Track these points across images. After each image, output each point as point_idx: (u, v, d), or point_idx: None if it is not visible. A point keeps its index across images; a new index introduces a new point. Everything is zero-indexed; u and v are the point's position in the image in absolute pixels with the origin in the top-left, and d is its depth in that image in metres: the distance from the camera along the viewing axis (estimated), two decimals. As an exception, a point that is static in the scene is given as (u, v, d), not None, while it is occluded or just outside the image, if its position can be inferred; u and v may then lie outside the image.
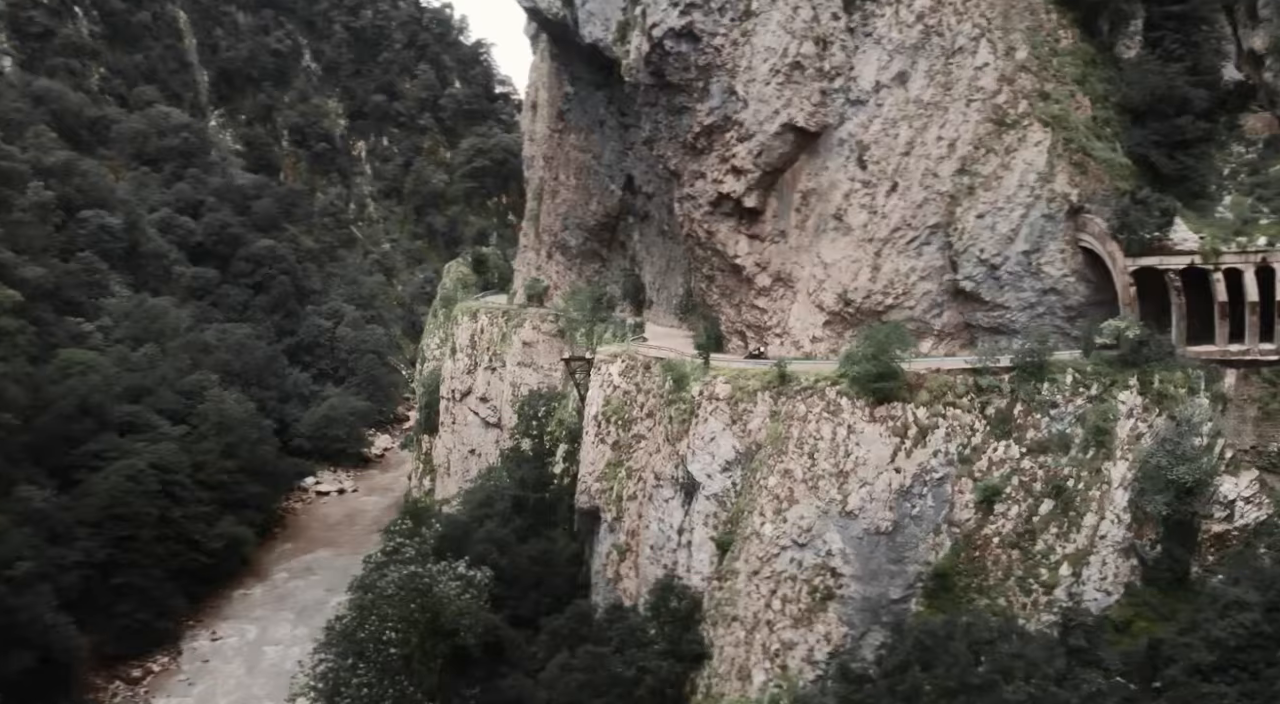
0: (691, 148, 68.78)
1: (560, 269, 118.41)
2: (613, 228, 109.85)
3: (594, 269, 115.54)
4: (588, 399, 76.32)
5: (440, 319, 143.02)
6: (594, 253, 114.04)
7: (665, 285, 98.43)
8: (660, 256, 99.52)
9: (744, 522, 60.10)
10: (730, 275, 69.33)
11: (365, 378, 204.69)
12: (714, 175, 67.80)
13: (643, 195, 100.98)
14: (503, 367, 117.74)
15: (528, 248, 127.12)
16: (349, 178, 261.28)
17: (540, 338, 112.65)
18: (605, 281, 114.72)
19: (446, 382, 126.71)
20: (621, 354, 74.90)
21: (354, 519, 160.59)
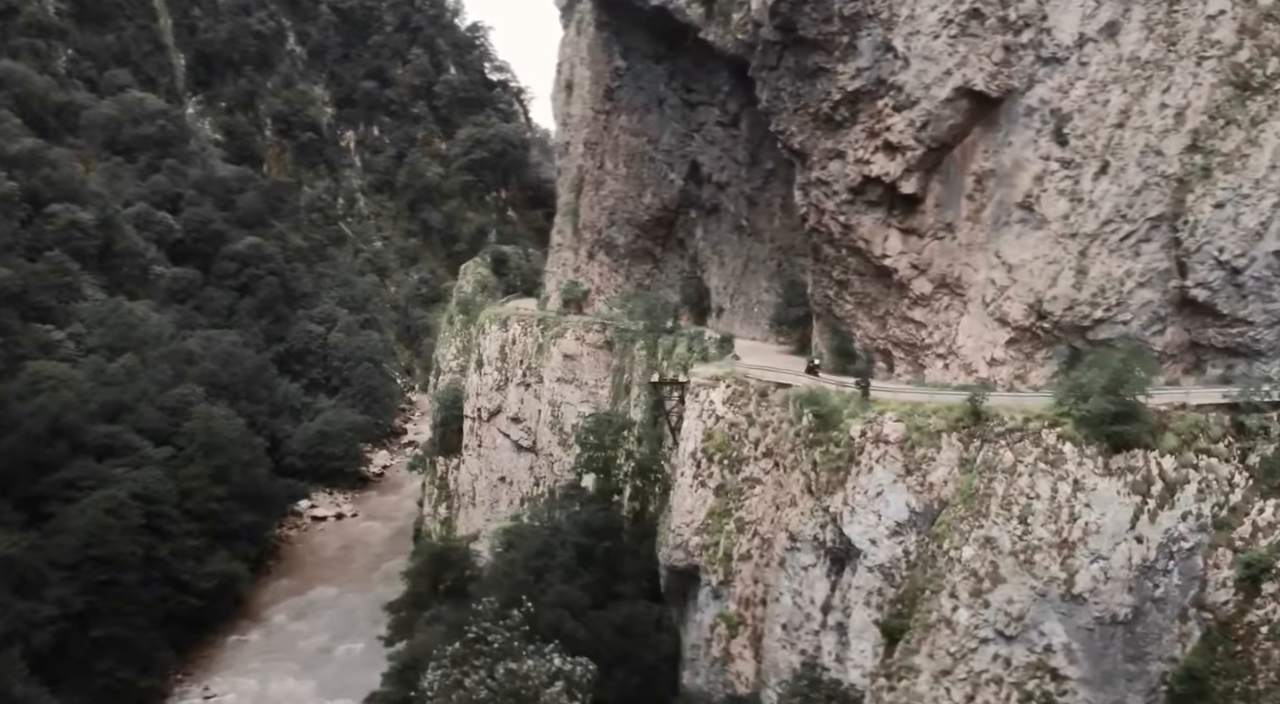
0: (827, 121, 55.69)
1: (604, 271, 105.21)
2: (670, 223, 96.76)
3: (645, 271, 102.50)
4: (683, 431, 62.98)
5: (457, 326, 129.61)
6: (645, 252, 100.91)
7: (743, 291, 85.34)
8: (735, 257, 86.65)
9: (925, 603, 46.89)
10: (873, 280, 56.26)
11: (361, 388, 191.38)
12: (858, 154, 54.79)
13: (712, 185, 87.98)
14: (539, 383, 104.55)
15: (563, 246, 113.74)
16: (337, 170, 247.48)
17: (584, 350, 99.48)
18: (658, 285, 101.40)
19: (471, 399, 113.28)
20: (726, 378, 61.46)
21: (356, 549, 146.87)
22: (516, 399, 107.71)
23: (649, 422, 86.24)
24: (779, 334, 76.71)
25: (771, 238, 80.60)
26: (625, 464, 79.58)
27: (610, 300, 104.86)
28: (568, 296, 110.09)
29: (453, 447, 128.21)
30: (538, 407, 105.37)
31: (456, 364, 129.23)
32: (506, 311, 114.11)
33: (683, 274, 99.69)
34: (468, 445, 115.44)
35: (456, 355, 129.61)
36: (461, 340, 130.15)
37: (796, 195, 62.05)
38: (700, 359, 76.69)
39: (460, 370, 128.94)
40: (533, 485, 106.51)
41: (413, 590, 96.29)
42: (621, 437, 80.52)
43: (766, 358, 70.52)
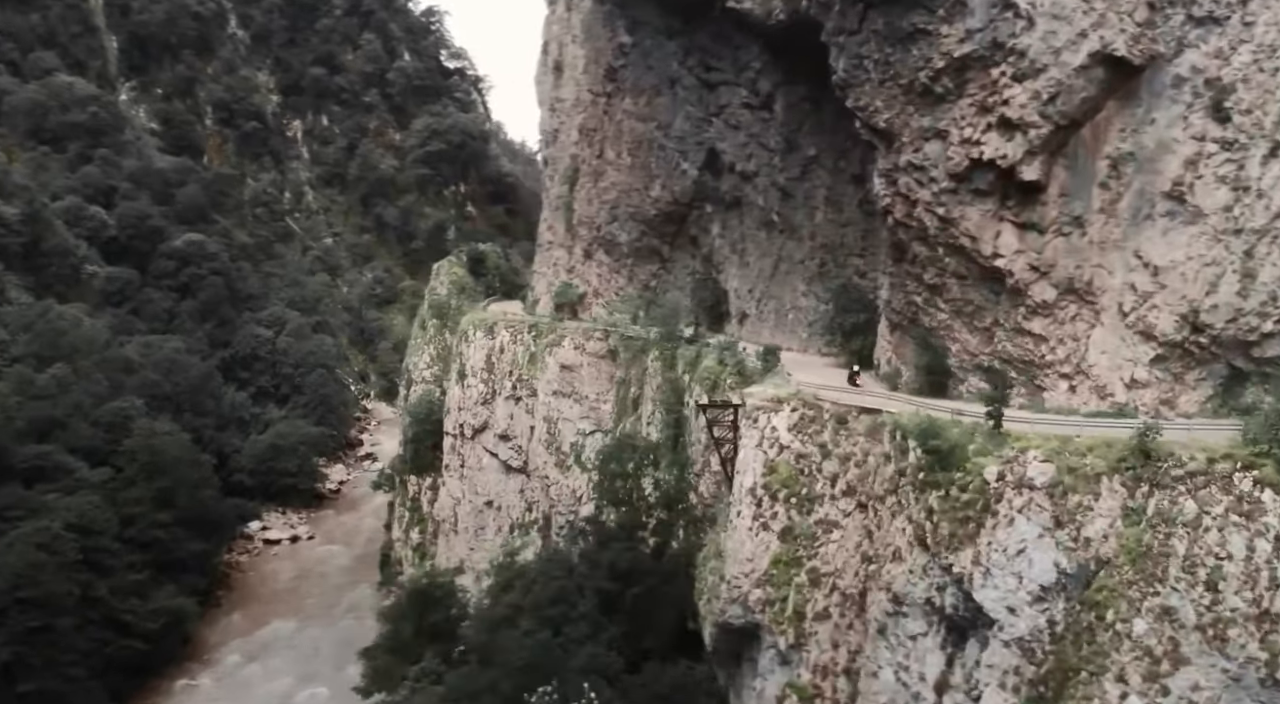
0: (925, 93, 47.20)
1: (604, 272, 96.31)
2: (681, 219, 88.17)
3: (650, 272, 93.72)
4: (738, 463, 54.14)
5: (431, 332, 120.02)
6: (651, 251, 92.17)
7: (773, 294, 77.19)
8: (762, 256, 78.33)
9: (1081, 688, 38.75)
10: (979, 284, 47.94)
11: (314, 397, 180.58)
12: (965, 133, 46.36)
13: (734, 176, 79.50)
14: (531, 396, 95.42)
15: (554, 244, 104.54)
16: (284, 162, 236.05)
17: (584, 361, 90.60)
18: (665, 288, 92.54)
19: (452, 414, 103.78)
20: (790, 400, 52.61)
21: (314, 577, 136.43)
22: (505, 414, 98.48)
23: (668, 444, 77.48)
24: (829, 345, 67.72)
25: (812, 235, 72.05)
26: (651, 494, 70.29)
27: (611, 305, 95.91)
28: (561, 300, 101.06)
29: (426, 465, 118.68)
30: (530, 423, 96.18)
31: (431, 374, 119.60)
32: (493, 317, 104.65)
33: (694, 276, 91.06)
34: (448, 465, 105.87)
35: (430, 364, 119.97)
36: (436, 347, 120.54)
37: (877, 184, 53.38)
38: (735, 373, 67.99)
39: (435, 380, 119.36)
40: (524, 511, 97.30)
41: (393, 634, 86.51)
42: (645, 463, 71.17)
43: (820, 374, 61.67)
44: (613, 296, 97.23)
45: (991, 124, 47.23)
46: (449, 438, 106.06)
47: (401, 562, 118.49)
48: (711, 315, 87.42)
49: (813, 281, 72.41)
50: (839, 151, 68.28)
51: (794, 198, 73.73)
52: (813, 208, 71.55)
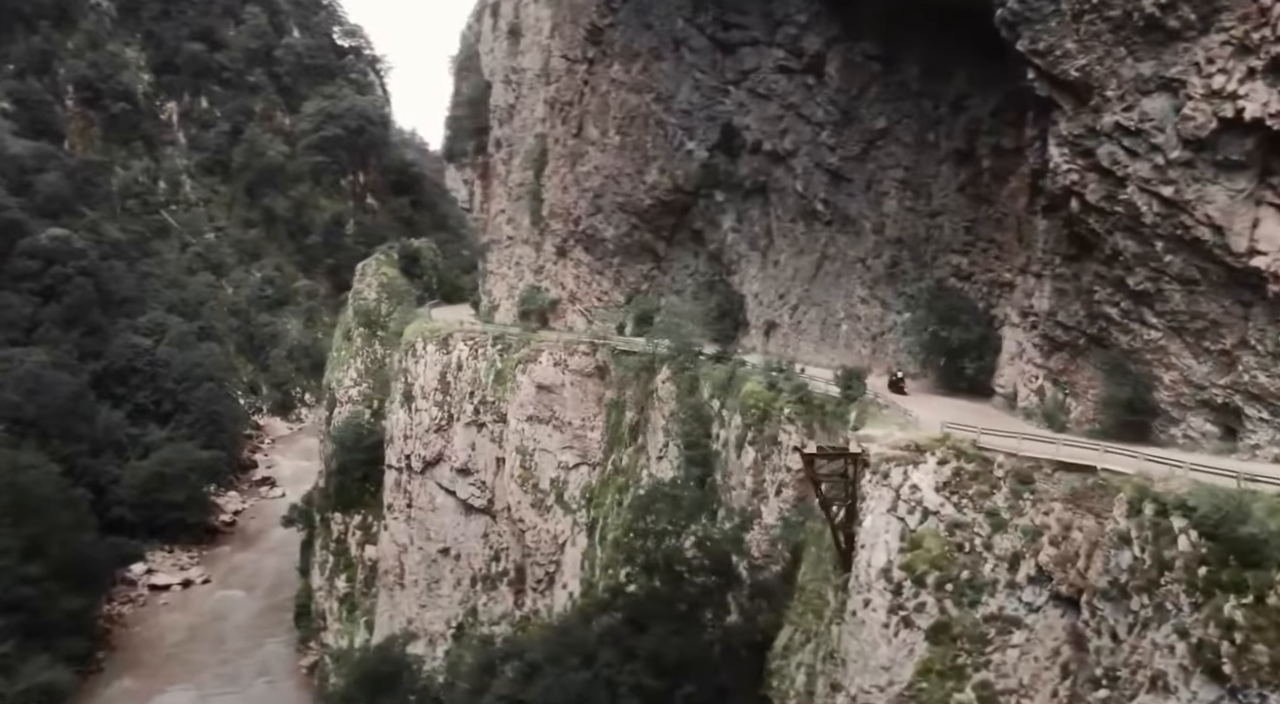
0: (1149, 29, 35.10)
1: (583, 273, 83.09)
2: (682, 209, 75.64)
3: (642, 273, 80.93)
4: (862, 534, 41.32)
5: (358, 343, 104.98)
6: (644, 249, 79.30)
7: (816, 301, 65.43)
8: (801, 253, 66.33)
9: None
10: (1218, 291, 36.55)
11: (201, 415, 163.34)
12: (1214, 83, 34.08)
13: (759, 157, 67.63)
14: (499, 423, 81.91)
15: (516, 241, 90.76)
16: (157, 148, 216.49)
17: (566, 380, 77.44)
18: (659, 291, 79.64)
19: (396, 443, 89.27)
20: (937, 447, 39.89)
21: (214, 631, 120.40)
22: (465, 444, 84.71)
23: (691, 486, 64.39)
24: (926, 365, 55.09)
25: (878, 227, 59.72)
26: (692, 555, 56.97)
27: (595, 312, 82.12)
28: (528, 306, 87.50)
29: (354, 500, 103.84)
30: (497, 454, 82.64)
31: (359, 392, 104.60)
32: (446, 327, 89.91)
33: (696, 277, 78.03)
34: (391, 505, 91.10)
35: (358, 380, 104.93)
36: (365, 361, 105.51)
37: (1056, 156, 41.10)
38: (796, 402, 55.18)
39: (364, 400, 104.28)
40: (489, 560, 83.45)
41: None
42: (679, 518, 57.88)
43: (931, 406, 48.99)
44: (594, 303, 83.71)
45: (1257, 69, 34.88)
46: (392, 472, 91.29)
47: (325, 616, 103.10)
48: (721, 325, 74.14)
49: (878, 285, 59.96)
50: (926, 122, 55.97)
51: (849, 181, 61.27)
52: (880, 193, 59.06)
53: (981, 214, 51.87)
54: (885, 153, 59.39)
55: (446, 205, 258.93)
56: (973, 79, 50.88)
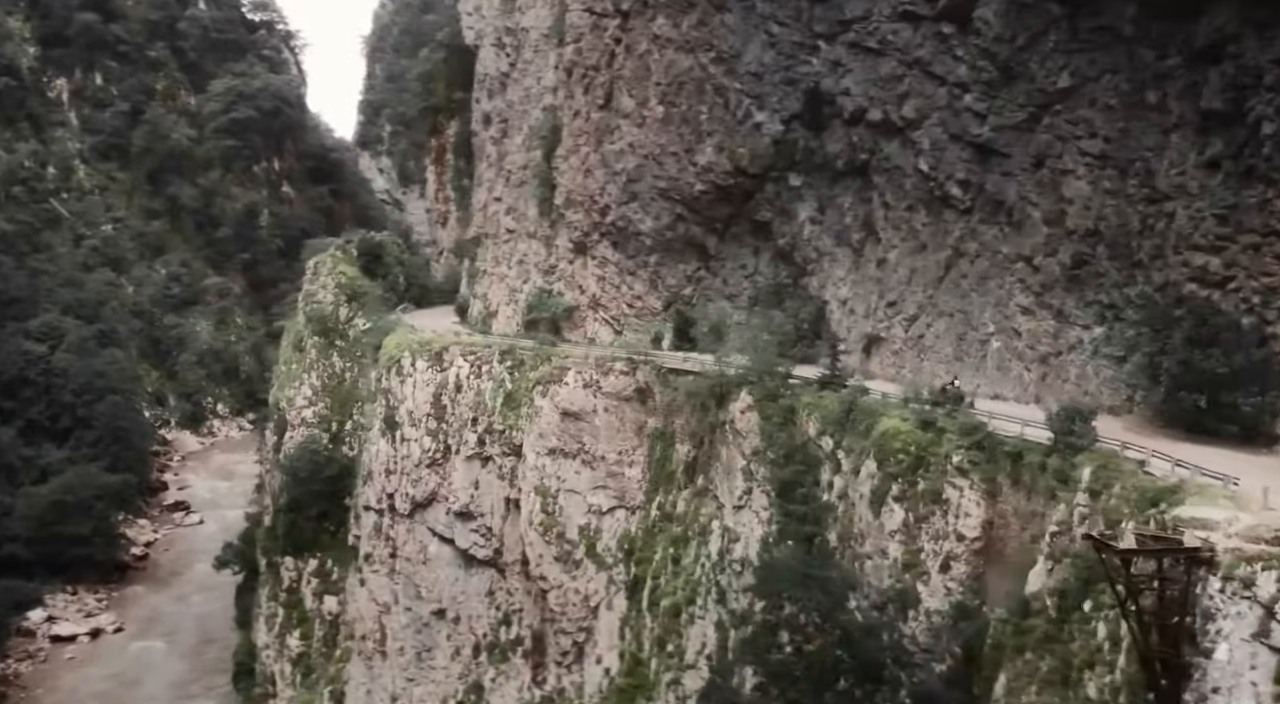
0: None
1: (610, 274, 70.84)
2: (745, 197, 63.63)
3: (686, 274, 69.06)
4: (1209, 671, 28.98)
5: (313, 355, 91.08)
6: (689, 244, 67.30)
7: (948, 310, 54.11)
8: (922, 251, 55.73)
9: None
10: None
11: (106, 432, 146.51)
12: None
13: (862, 129, 56.93)
14: (510, 456, 69.02)
15: (517, 235, 77.89)
16: (45, 130, 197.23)
17: (599, 405, 65.07)
18: (708, 295, 67.28)
19: (375, 479, 75.94)
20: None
21: (133, 695, 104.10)
22: (466, 481, 71.56)
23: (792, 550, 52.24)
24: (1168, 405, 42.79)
25: (1055, 216, 47.85)
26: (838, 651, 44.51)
27: (627, 321, 69.34)
28: (537, 314, 74.79)
29: (309, 542, 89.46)
30: (507, 494, 69.86)
31: (314, 413, 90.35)
32: (440, 339, 76.21)
33: (757, 280, 66.44)
34: (369, 555, 77.43)
35: (313, 399, 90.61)
36: (321, 376, 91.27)
37: None
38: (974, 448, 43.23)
39: (321, 422, 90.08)
40: (498, 624, 70.33)
41: None
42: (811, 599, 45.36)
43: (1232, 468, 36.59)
44: (624, 309, 70.88)
45: None
46: (370, 514, 77.52)
47: (274, 680, 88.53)
48: (795, 338, 61.85)
49: (1051, 290, 48.23)
50: (1145, 78, 43.89)
51: (1005, 157, 49.63)
52: (1058, 172, 47.35)
53: (1245, 199, 39.87)
54: (1068, 120, 47.44)
55: (367, 195, 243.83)
56: (1243, 15, 38.87)
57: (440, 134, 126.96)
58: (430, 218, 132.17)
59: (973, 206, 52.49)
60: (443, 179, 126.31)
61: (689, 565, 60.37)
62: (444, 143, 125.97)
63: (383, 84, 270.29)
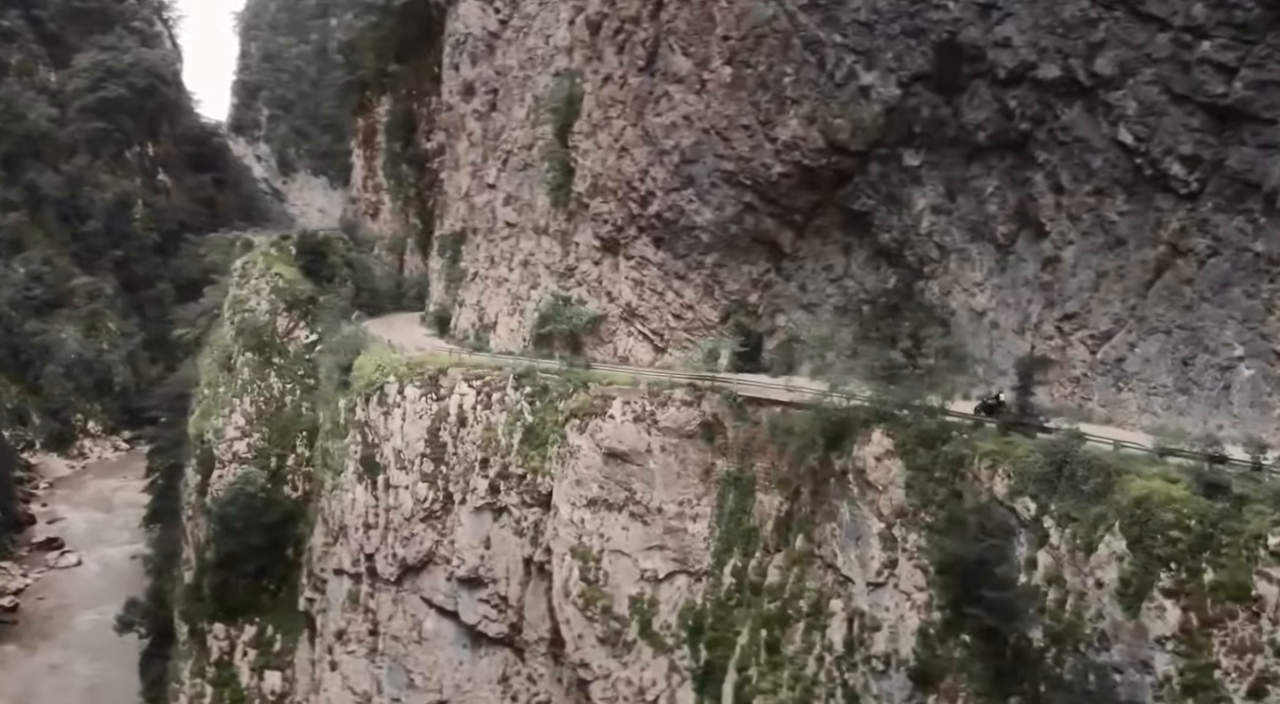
0: None
1: (651, 277, 58.81)
2: (838, 180, 51.42)
3: (751, 278, 57.14)
4: None
5: (246, 375, 76.41)
6: (758, 240, 55.73)
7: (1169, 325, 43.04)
8: (1117, 249, 45.64)
9: None
10: None
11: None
12: None
13: (1024, 91, 45.84)
14: (532, 507, 56.37)
15: (520, 230, 64.79)
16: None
17: (655, 443, 52.05)
18: (780, 305, 55.18)
19: (351, 536, 62.37)
20: None
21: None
22: (474, 539, 58.34)
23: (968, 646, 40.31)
24: None
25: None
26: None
27: (675, 337, 56.87)
28: (553, 327, 61.65)
29: (244, 606, 74.82)
30: (527, 554, 57.07)
31: (249, 446, 75.60)
32: (433, 359, 62.39)
33: (848, 285, 54.29)
34: (343, 633, 63.43)
35: (247, 429, 75.92)
36: (257, 401, 76.55)
37: None
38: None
39: (258, 457, 75.52)
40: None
41: None
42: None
43: None
44: (667, 321, 58.02)
45: None
46: (343, 579, 63.40)
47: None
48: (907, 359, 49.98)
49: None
50: None
51: (1265, 125, 37.74)
52: None
53: None
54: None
55: (251, 185, 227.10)
56: None
57: (368, 112, 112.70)
58: (351, 210, 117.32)
59: (1201, 190, 40.93)
60: (373, 164, 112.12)
61: (796, 656, 47.92)
62: (373, 123, 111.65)
63: (259, 64, 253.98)
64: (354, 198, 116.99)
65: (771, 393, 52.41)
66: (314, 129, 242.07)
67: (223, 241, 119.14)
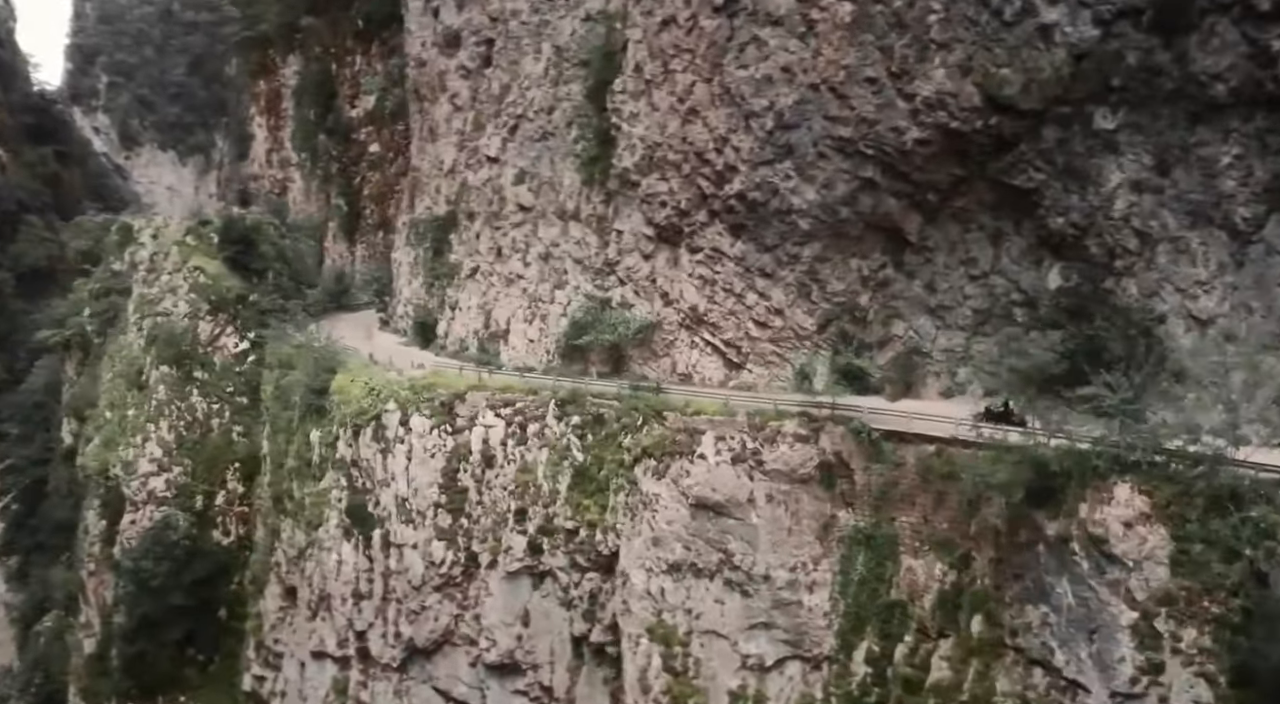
0: None
1: (726, 275, 47.44)
2: (997, 147, 40.14)
3: (862, 275, 45.87)
4: None
5: (161, 394, 60.98)
6: (875, 227, 44.43)
7: None
8: None
9: None
10: None
11: None
12: None
13: None
14: (592, 571, 42.47)
15: (536, 215, 50.87)
16: None
17: (760, 490, 40.62)
18: (891, 309, 43.22)
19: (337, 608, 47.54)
20: None
21: None
22: (508, 613, 45.80)
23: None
24: None
25: None
26: None
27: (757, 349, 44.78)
28: (595, 336, 47.65)
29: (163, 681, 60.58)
30: (580, 631, 43.86)
31: (169, 483, 60.25)
32: (443, 379, 48.40)
33: (995, 287, 42.46)
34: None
35: (166, 462, 60.76)
36: (176, 425, 61.44)
37: None
38: None
39: (180, 495, 60.40)
40: None
41: None
42: None
43: None
44: (748, 329, 45.53)
45: None
46: (323, 666, 48.70)
47: None
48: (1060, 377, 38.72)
49: None
50: None
51: None
52: None
53: None
54: None
55: (96, 161, 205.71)
56: None
57: (272, 74, 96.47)
58: (253, 189, 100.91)
59: None
60: (278, 135, 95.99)
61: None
62: (278, 86, 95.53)
63: (96, 26, 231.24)
64: (255, 174, 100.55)
65: (918, 426, 40.21)
66: (160, 98, 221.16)
67: (92, 225, 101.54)
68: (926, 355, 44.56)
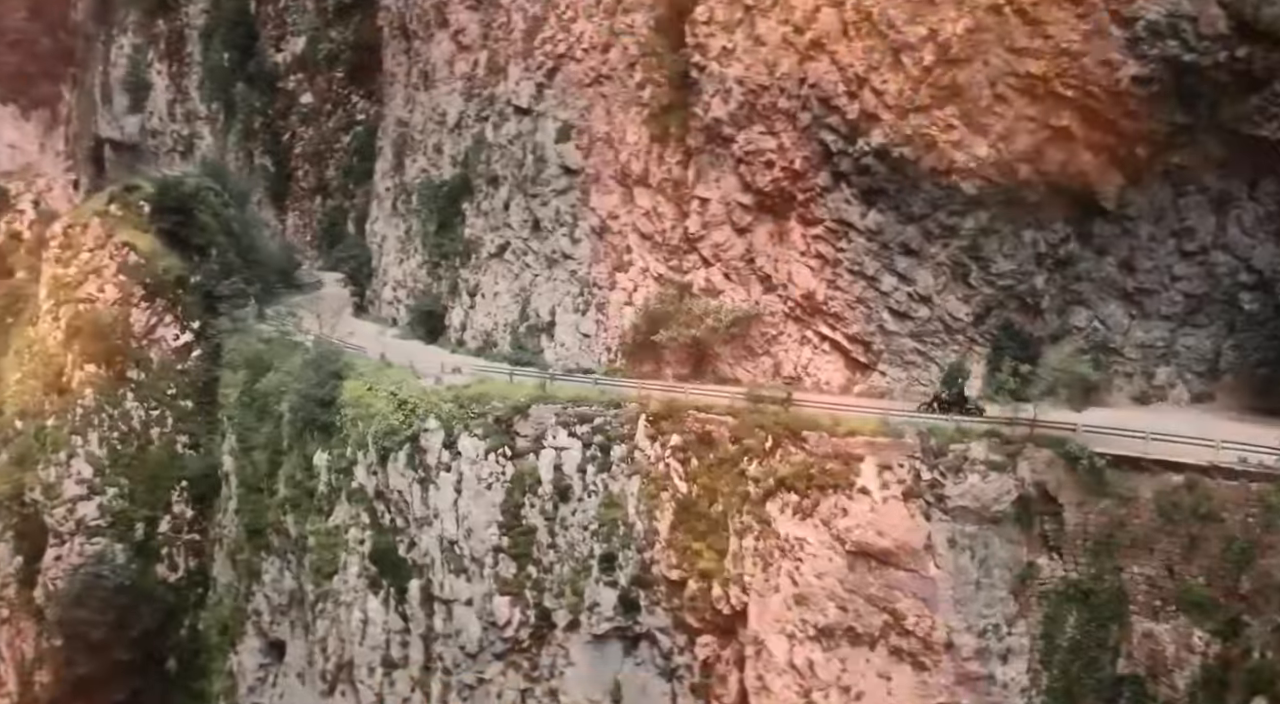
0: None
1: (855, 253, 37.71)
2: (1239, 89, 31.50)
3: (1033, 255, 36.67)
4: None
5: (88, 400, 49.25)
6: (1059, 192, 34.98)
7: None
8: None
9: None
10: None
11: None
12: None
13: None
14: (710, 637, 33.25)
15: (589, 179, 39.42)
16: None
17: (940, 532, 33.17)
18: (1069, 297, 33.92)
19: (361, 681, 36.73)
20: None
21: None
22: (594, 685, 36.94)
23: None
24: None
25: None
26: None
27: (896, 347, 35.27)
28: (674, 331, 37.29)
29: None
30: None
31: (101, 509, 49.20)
32: (500, 390, 37.26)
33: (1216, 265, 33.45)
34: None
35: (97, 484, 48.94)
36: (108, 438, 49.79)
37: None
38: None
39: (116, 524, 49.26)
40: None
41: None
42: None
43: None
44: (882, 321, 35.54)
45: None
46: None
47: None
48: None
49: None
50: None
51: None
52: None
53: None
54: None
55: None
56: None
57: (172, 14, 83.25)
58: (150, 146, 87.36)
59: None
60: (181, 83, 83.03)
61: None
62: (180, 27, 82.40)
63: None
64: (154, 130, 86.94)
65: (1157, 449, 30.77)
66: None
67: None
68: (1116, 352, 35.18)
